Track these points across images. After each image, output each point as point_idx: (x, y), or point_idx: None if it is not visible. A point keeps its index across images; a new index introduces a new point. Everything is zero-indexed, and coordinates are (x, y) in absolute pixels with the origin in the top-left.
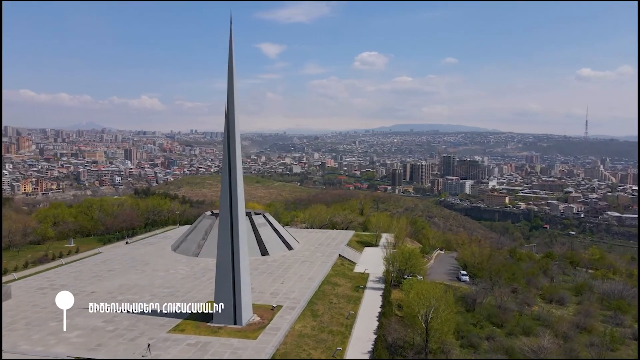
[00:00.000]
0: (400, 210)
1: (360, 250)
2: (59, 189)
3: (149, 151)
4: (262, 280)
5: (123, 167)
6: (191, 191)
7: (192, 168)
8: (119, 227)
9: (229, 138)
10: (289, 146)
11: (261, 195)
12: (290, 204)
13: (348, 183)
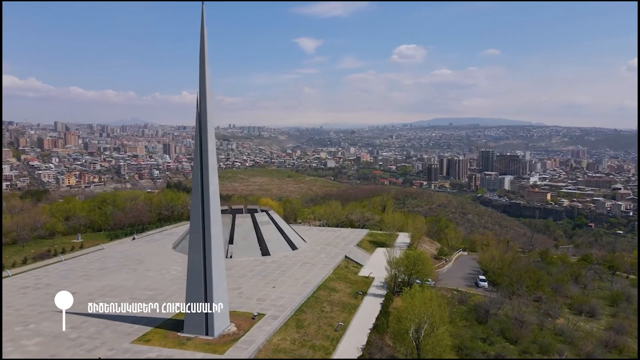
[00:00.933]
0: (433, 207)
1: (371, 251)
2: (100, 182)
3: (187, 145)
4: (253, 284)
5: (161, 161)
6: (221, 185)
7: (228, 162)
8: (129, 223)
9: (201, 131)
10: (325, 140)
11: (291, 189)
12: (314, 199)
13: (383, 178)
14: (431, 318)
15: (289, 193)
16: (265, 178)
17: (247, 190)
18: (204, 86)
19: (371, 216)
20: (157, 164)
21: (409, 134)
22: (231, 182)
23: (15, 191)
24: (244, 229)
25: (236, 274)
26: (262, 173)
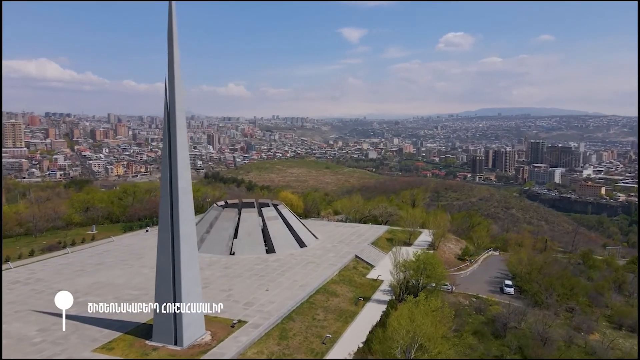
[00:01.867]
0: (474, 200)
1: (387, 250)
2: (146, 172)
3: (231, 136)
4: (246, 286)
5: (205, 151)
6: (259, 176)
7: (270, 153)
8: (144, 215)
9: (169, 121)
10: (369, 131)
11: (328, 181)
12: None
13: (425, 170)
14: (422, 338)
15: (325, 185)
16: (302, 169)
17: (284, 182)
18: (173, 71)
19: (395, 211)
20: (200, 155)
21: (454, 125)
22: (268, 173)
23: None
24: (250, 224)
25: (233, 273)
26: (300, 164)
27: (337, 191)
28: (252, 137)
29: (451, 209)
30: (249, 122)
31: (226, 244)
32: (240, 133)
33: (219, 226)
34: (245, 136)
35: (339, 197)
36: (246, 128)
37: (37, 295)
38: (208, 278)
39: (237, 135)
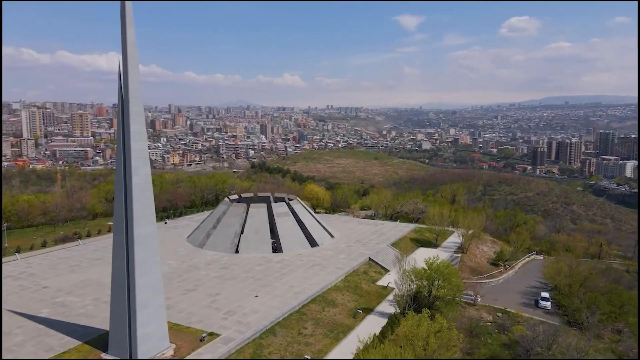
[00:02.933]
0: (530, 195)
1: (408, 252)
2: (200, 161)
3: (284, 126)
4: (236, 290)
5: (257, 141)
6: (305, 166)
7: (322, 143)
8: (168, 206)
9: (123, 109)
10: (424, 121)
11: (375, 172)
12: (397, 183)
13: (481, 161)
14: None
15: (372, 176)
16: (350, 160)
17: (330, 172)
18: (127, 54)
19: (427, 208)
20: (252, 144)
21: (516, 115)
22: (315, 163)
23: None
24: (257, 221)
25: (228, 274)
26: (348, 155)
27: (383, 183)
28: (305, 127)
29: (502, 205)
30: (302, 112)
31: (231, 241)
32: (293, 123)
33: (226, 222)
34: (298, 126)
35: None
36: (300, 118)
37: (21, 293)
38: (200, 279)
39: (291, 125)
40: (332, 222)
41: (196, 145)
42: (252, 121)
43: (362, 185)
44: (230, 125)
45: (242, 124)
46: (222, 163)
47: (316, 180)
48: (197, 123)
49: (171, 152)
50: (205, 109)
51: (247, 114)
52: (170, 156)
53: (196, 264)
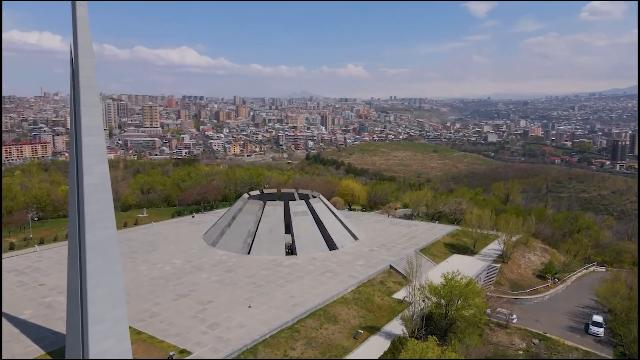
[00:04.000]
0: (605, 194)
1: (439, 260)
2: (260, 152)
3: (345, 117)
4: (229, 298)
5: (317, 132)
6: (360, 159)
7: (382, 134)
8: (199, 199)
9: (75, 98)
10: (492, 113)
11: (433, 165)
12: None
13: (553, 155)
14: None
15: (429, 170)
16: (408, 152)
17: (386, 165)
18: (77, 35)
19: (469, 208)
20: (312, 135)
21: (596, 105)
22: (371, 155)
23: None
24: (272, 220)
25: (229, 279)
26: (406, 147)
27: (440, 177)
28: (366, 118)
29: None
30: (365, 103)
31: (244, 240)
32: (355, 114)
33: (240, 220)
34: (359, 117)
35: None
36: (361, 109)
37: (15, 290)
38: (198, 283)
39: (352, 117)
40: (362, 221)
41: (257, 136)
42: (314, 112)
43: (418, 179)
44: (292, 116)
45: (304, 115)
46: (282, 154)
47: (370, 173)
48: (259, 114)
49: (232, 142)
50: (268, 100)
51: (308, 105)
52: (232, 146)
53: (201, 264)
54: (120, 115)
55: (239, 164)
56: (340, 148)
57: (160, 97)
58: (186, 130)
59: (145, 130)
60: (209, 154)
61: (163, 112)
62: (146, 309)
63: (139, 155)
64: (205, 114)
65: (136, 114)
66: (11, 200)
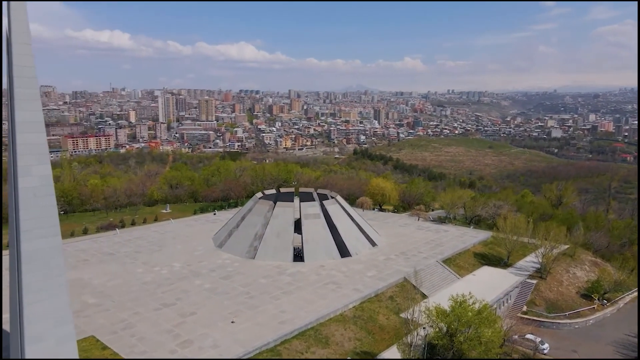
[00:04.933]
0: None
1: (465, 272)
2: (311, 146)
3: (400, 111)
4: (215, 310)
5: (369, 126)
6: (410, 154)
7: (437, 129)
8: (224, 196)
9: (10, 87)
10: (558, 106)
11: (487, 162)
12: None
13: (625, 152)
14: None
15: (482, 167)
16: (460, 148)
17: (436, 161)
18: (11, 17)
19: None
20: (364, 130)
21: None
22: (421, 151)
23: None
24: (281, 222)
25: (223, 287)
26: (460, 142)
27: (494, 175)
28: (422, 112)
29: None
30: (421, 96)
31: (250, 244)
32: (409, 108)
33: (249, 221)
34: (414, 111)
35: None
36: (417, 103)
37: None
38: (188, 291)
39: (406, 111)
40: (387, 225)
41: (308, 130)
42: (368, 106)
43: (470, 176)
44: (345, 110)
45: (357, 109)
46: (332, 148)
47: (418, 169)
48: (312, 108)
49: (284, 136)
50: (323, 94)
51: (363, 99)
52: (283, 140)
53: (200, 269)
54: (179, 109)
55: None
56: (392, 143)
57: (217, 92)
58: (240, 124)
59: (201, 124)
60: (261, 147)
61: (219, 106)
62: (123, 319)
63: (193, 148)
64: (259, 107)
65: (194, 107)
66: None
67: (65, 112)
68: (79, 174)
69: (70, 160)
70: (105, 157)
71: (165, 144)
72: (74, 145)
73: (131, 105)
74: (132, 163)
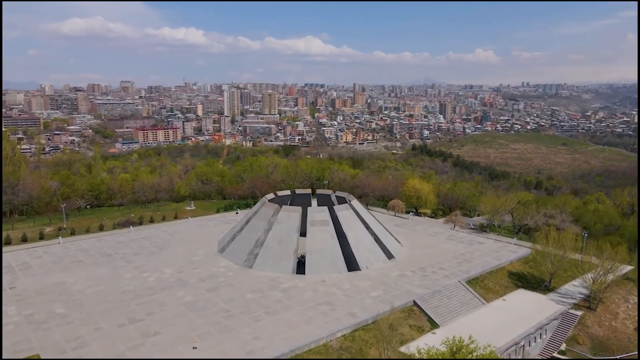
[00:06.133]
0: None
1: (493, 297)
2: (373, 140)
3: (468, 105)
4: (181, 331)
5: (434, 121)
6: (473, 151)
7: (507, 124)
8: (250, 194)
9: None
10: None
11: (559, 161)
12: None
13: None
14: None
15: (553, 165)
16: (530, 145)
17: (501, 159)
18: None
19: (563, 224)
20: (428, 124)
21: None
22: (485, 147)
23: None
24: (285, 228)
25: (204, 302)
26: (529, 139)
27: (566, 174)
28: (492, 106)
29: None
30: (492, 90)
31: (250, 251)
32: (479, 102)
33: (252, 226)
34: (484, 105)
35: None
36: (487, 96)
37: None
38: (164, 305)
39: (475, 105)
40: (415, 233)
41: (370, 124)
42: (434, 100)
43: (537, 175)
44: (410, 104)
45: (423, 102)
46: (394, 143)
47: (480, 167)
48: (376, 101)
49: (345, 130)
50: (388, 87)
51: (429, 93)
52: (344, 134)
53: (189, 278)
54: (244, 102)
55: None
56: (457, 138)
57: (282, 85)
58: (302, 118)
59: (264, 117)
60: (321, 141)
61: (282, 100)
62: (79, 336)
63: (254, 141)
64: (321, 101)
65: (258, 101)
66: (68, 188)
67: (139, 105)
68: (119, 168)
69: (129, 152)
70: (164, 150)
71: (227, 136)
72: (144, 137)
73: (199, 99)
74: (187, 156)
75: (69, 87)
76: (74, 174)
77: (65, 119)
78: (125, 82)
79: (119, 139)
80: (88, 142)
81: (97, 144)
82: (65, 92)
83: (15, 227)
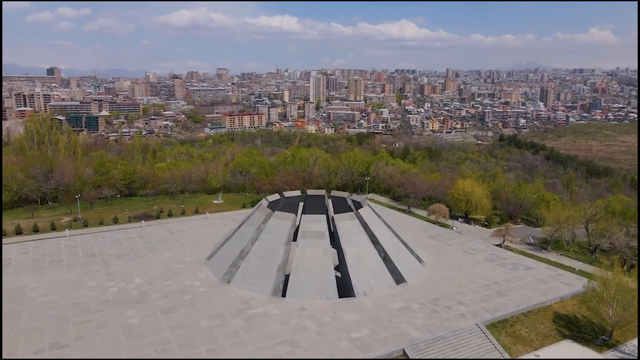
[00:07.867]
0: None
1: (526, 350)
2: (462, 129)
3: (575, 91)
4: None
5: (532, 108)
6: (572, 143)
7: (620, 113)
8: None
9: None
10: None
11: None
12: None
13: None
14: None
15: None
16: None
17: (606, 153)
18: None
19: None
20: (525, 112)
21: None
22: (587, 139)
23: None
24: (272, 239)
25: (147, 326)
26: None
27: None
28: (604, 92)
29: None
30: (606, 74)
31: (233, 262)
32: (588, 87)
33: (240, 233)
34: (594, 91)
35: None
36: (599, 82)
37: None
38: (103, 327)
39: (584, 91)
40: (448, 247)
41: (460, 112)
42: (535, 86)
43: None
44: (507, 90)
45: (522, 89)
46: (486, 132)
47: (577, 161)
48: (469, 88)
49: (432, 117)
50: (484, 72)
51: (530, 78)
52: (430, 122)
53: (155, 291)
54: (329, 89)
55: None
56: (557, 127)
57: (370, 72)
58: (387, 104)
59: (349, 104)
60: (406, 129)
61: (369, 86)
62: None
63: (336, 127)
64: (409, 87)
65: (344, 87)
66: (101, 176)
67: (229, 92)
68: (184, 154)
69: (146, 144)
70: (237, 135)
71: (311, 123)
72: (231, 122)
73: (287, 85)
74: (258, 142)
75: (172, 74)
76: (134, 159)
77: (162, 104)
78: (221, 69)
79: (208, 124)
80: (180, 127)
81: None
82: (165, 79)
83: (38, 215)
